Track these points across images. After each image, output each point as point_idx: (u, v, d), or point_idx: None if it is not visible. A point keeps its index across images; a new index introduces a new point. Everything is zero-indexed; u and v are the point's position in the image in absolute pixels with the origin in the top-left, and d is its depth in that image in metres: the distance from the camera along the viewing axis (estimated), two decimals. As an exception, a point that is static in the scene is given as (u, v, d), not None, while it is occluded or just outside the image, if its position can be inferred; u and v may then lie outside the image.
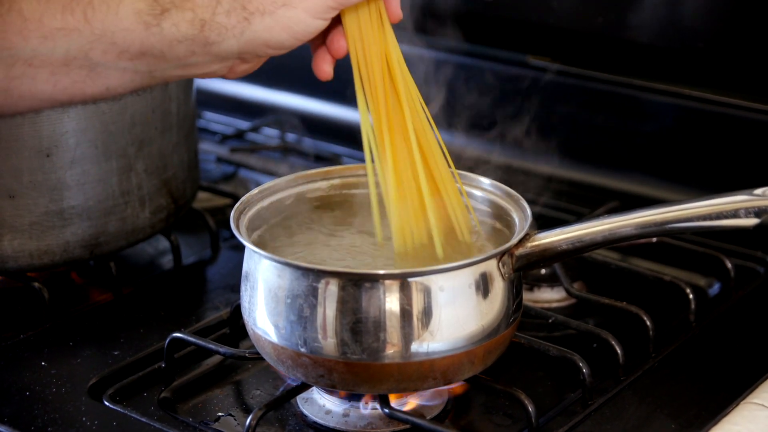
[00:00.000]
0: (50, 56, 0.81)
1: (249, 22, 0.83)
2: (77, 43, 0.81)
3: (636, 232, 0.89)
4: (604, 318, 1.10)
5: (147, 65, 0.83)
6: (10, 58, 0.81)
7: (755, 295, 1.14)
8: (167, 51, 0.82)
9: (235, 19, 0.82)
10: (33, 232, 1.08)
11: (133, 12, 0.81)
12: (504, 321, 0.90)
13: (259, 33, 0.83)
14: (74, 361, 1.03)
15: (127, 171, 1.13)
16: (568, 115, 1.38)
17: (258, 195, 0.98)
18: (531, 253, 0.91)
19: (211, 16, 0.82)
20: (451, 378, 0.89)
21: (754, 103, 1.25)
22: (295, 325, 0.87)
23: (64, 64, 0.82)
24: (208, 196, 1.36)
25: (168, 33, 0.82)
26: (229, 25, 0.82)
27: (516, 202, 0.96)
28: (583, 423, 0.93)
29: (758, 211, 0.86)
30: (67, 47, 0.81)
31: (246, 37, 0.83)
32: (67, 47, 0.81)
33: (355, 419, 0.94)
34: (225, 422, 0.96)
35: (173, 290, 1.18)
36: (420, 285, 0.85)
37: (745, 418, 0.92)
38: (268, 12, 0.83)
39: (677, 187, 1.30)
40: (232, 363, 1.03)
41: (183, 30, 0.81)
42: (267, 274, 0.89)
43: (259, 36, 0.83)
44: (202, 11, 0.82)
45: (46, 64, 0.81)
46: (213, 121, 1.65)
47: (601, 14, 1.32)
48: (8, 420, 0.93)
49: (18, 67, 0.81)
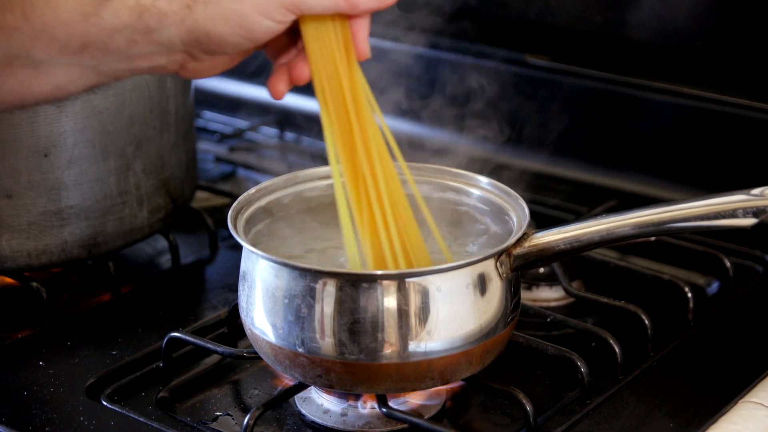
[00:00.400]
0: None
1: (191, 9, 0.79)
2: (17, 40, 0.79)
3: (634, 232, 0.89)
4: (603, 317, 1.10)
5: (91, 59, 0.81)
6: None
7: (754, 294, 1.14)
8: (109, 41, 0.80)
9: (177, 5, 0.79)
10: (31, 232, 1.08)
11: (73, 4, 0.79)
12: (502, 321, 0.90)
13: (200, 22, 0.80)
14: (72, 360, 1.03)
15: (125, 171, 1.12)
16: (566, 113, 1.38)
17: (256, 194, 0.98)
18: (529, 252, 0.91)
19: (152, 1, 0.79)
20: (449, 378, 0.89)
21: (752, 102, 1.25)
22: (293, 325, 0.87)
23: (7, 63, 0.80)
24: (206, 196, 1.36)
25: (108, 22, 0.79)
26: (170, 11, 0.79)
27: (514, 201, 0.96)
28: (581, 422, 0.93)
29: (756, 211, 0.86)
30: (7, 46, 0.79)
31: (186, 25, 0.80)
32: (8, 46, 0.79)
33: (354, 419, 0.94)
34: (223, 422, 0.96)
35: (171, 290, 1.18)
36: (417, 285, 0.85)
37: (744, 417, 0.92)
38: (212, 2, 0.79)
39: (675, 186, 1.30)
40: (230, 362, 1.03)
41: (123, 18, 0.79)
42: (265, 274, 0.89)
43: (200, 25, 0.80)
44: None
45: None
46: (211, 121, 1.65)
47: (599, 13, 1.32)
48: (6, 420, 0.93)
49: None
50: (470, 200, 1.00)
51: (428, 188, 1.02)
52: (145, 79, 1.12)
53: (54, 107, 1.06)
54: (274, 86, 0.87)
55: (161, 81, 1.14)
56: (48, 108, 1.06)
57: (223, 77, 1.64)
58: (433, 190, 1.02)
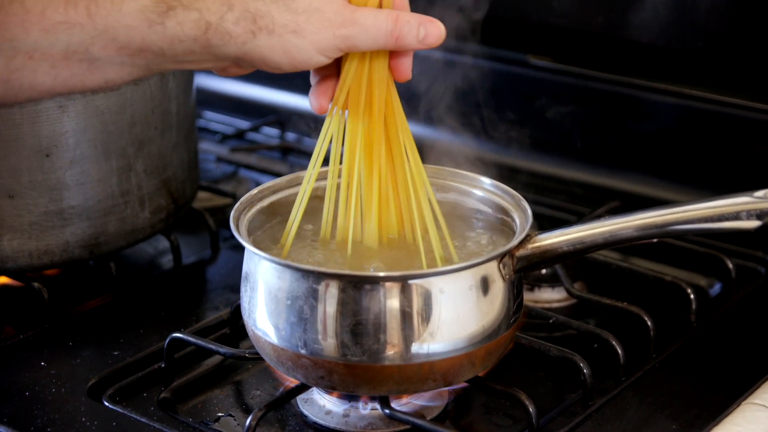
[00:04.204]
0: (51, 49, 0.81)
1: (255, 36, 0.82)
2: (78, 37, 0.80)
3: (637, 234, 0.89)
4: (605, 318, 1.10)
5: (145, 60, 0.83)
6: (11, 50, 0.80)
7: (756, 296, 1.14)
8: (167, 49, 0.82)
9: (242, 29, 0.82)
10: (33, 232, 1.08)
11: (137, 9, 0.80)
12: (504, 322, 0.89)
13: (260, 49, 0.83)
14: (74, 361, 1.03)
15: (127, 171, 1.12)
16: (568, 114, 1.37)
17: (258, 195, 0.98)
18: (532, 254, 0.90)
19: (219, 20, 0.81)
20: (452, 379, 0.89)
21: (755, 103, 1.25)
22: (296, 326, 0.87)
23: (65, 57, 0.81)
24: (208, 196, 1.36)
25: (171, 32, 0.81)
26: (235, 33, 0.82)
27: (517, 203, 0.96)
28: (583, 423, 0.93)
29: (760, 213, 0.86)
30: (68, 41, 0.80)
31: (247, 48, 0.83)
32: (68, 41, 0.80)
33: (355, 420, 0.94)
34: (225, 423, 0.96)
35: (173, 290, 1.18)
36: (420, 287, 0.85)
37: (746, 418, 0.92)
38: (276, 33, 0.82)
39: (678, 187, 1.30)
40: (232, 363, 1.03)
41: (186, 30, 0.81)
42: (267, 276, 0.89)
43: (260, 52, 0.83)
44: (210, 14, 0.81)
45: (46, 57, 0.81)
46: (213, 121, 1.65)
47: (601, 14, 1.31)
48: (7, 420, 0.93)
49: (18, 59, 0.81)
50: (473, 201, 1.00)
51: (430, 189, 1.01)
52: (147, 80, 1.12)
53: (56, 107, 1.06)
54: (318, 100, 0.90)
55: (163, 81, 1.14)
56: (50, 108, 1.06)
57: (225, 77, 1.64)
58: (436, 191, 1.01)
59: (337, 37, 0.83)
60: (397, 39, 0.86)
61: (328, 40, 0.83)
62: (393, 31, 0.85)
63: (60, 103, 1.06)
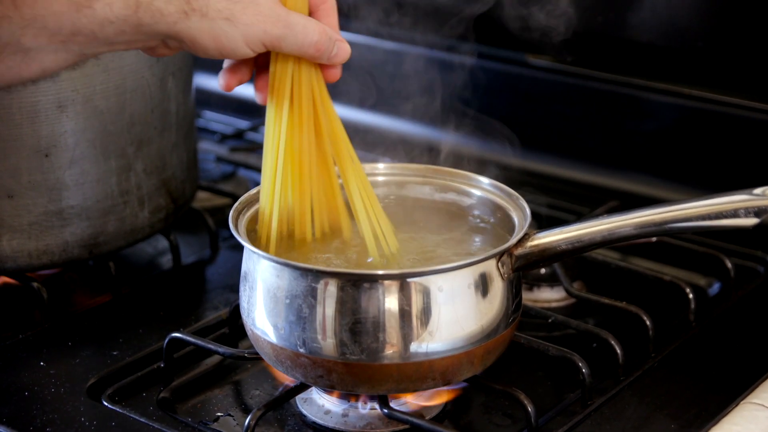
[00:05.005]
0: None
1: (187, 16, 0.82)
2: (8, 30, 0.80)
3: (635, 232, 0.89)
4: (604, 318, 1.10)
5: (78, 45, 0.82)
6: None
7: (755, 295, 1.14)
8: (98, 31, 0.82)
9: (174, 8, 0.82)
10: (32, 232, 1.08)
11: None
12: (503, 321, 0.90)
13: (191, 30, 0.83)
14: (73, 361, 1.03)
15: (126, 171, 1.12)
16: (567, 114, 1.37)
17: (257, 194, 0.98)
18: (530, 253, 0.91)
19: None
20: (451, 378, 0.89)
21: (753, 103, 1.25)
22: (294, 325, 0.87)
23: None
24: (207, 196, 1.36)
25: (100, 13, 0.81)
26: (167, 11, 0.82)
27: (515, 202, 0.96)
28: (582, 423, 0.93)
29: (758, 210, 0.86)
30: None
31: (178, 27, 0.83)
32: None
33: (355, 419, 0.94)
34: (224, 422, 0.96)
35: (172, 290, 1.18)
36: (419, 285, 0.85)
37: (745, 418, 0.92)
38: (209, 17, 0.83)
39: (677, 187, 1.30)
40: (231, 363, 1.03)
41: (116, 10, 0.81)
42: (266, 275, 0.89)
43: (190, 33, 0.83)
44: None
45: None
46: (212, 121, 1.65)
47: (600, 13, 1.31)
48: (7, 420, 0.93)
49: None
50: (471, 201, 1.00)
51: (429, 189, 1.02)
52: (147, 80, 1.12)
53: (55, 107, 1.06)
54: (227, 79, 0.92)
55: (162, 81, 1.14)
56: (49, 108, 1.06)
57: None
58: (435, 190, 1.02)
59: (267, 33, 0.84)
60: (317, 51, 0.88)
61: (257, 35, 0.84)
62: (318, 42, 0.87)
63: (59, 103, 1.06)
